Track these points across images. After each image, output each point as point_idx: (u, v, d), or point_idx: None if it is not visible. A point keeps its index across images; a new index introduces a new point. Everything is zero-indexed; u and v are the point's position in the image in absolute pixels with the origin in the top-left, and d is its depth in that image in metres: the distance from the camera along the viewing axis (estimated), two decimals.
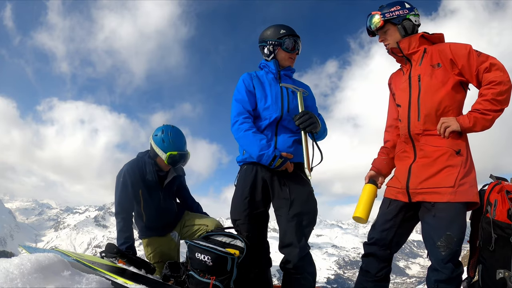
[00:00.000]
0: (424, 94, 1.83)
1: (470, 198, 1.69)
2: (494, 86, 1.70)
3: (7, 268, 1.04)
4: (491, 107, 1.71)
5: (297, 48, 2.19)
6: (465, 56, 1.76)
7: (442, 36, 1.93)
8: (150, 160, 2.59)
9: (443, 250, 1.66)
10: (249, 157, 2.08)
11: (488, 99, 1.71)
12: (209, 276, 1.85)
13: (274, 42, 2.15)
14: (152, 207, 2.60)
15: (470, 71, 1.76)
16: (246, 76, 2.19)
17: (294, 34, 2.17)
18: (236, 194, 2.14)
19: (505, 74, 1.71)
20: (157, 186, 2.60)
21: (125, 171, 2.50)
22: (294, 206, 1.96)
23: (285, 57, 2.17)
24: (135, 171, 2.52)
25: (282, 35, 2.14)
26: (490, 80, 1.71)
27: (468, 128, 1.75)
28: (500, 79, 1.69)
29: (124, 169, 2.52)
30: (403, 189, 1.83)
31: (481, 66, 1.74)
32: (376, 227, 1.93)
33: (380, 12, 1.96)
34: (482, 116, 1.72)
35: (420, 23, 1.97)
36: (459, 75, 1.80)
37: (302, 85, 2.26)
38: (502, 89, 1.69)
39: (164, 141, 2.53)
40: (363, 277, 1.95)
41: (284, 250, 1.95)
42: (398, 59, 2.03)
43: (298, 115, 1.98)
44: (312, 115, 1.97)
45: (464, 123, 1.74)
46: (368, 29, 2.06)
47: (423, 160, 1.80)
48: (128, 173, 2.49)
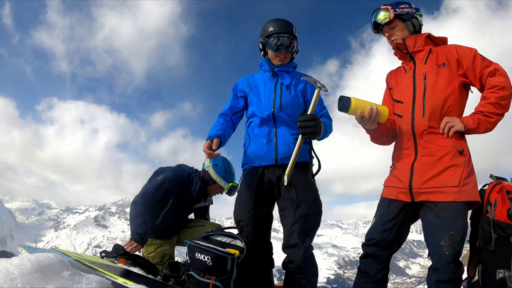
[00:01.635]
0: (429, 92, 1.85)
1: (474, 197, 1.71)
2: (497, 91, 1.74)
3: (7, 268, 1.04)
4: (494, 110, 1.74)
5: (285, 46, 2.10)
6: (471, 58, 1.80)
7: (446, 40, 1.97)
8: (199, 182, 2.71)
9: (447, 250, 1.66)
10: (252, 160, 2.10)
11: (491, 102, 1.74)
12: (209, 276, 1.84)
13: (263, 40, 2.15)
14: (172, 216, 2.68)
15: (474, 73, 1.80)
16: (238, 83, 2.28)
17: (281, 32, 2.08)
18: (240, 195, 2.14)
19: (508, 80, 1.75)
20: (189, 204, 2.74)
21: (168, 178, 2.57)
22: (301, 207, 1.95)
23: (272, 56, 2.16)
24: (176, 183, 2.60)
25: (269, 33, 2.11)
26: (494, 85, 1.75)
27: (472, 129, 1.77)
28: (503, 84, 1.73)
29: (168, 176, 2.58)
30: (406, 188, 1.82)
31: (486, 70, 1.78)
32: (376, 227, 1.91)
33: (391, 7, 1.98)
34: (485, 118, 1.75)
35: (423, 25, 1.99)
36: (463, 76, 1.83)
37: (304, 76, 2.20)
38: (505, 94, 1.73)
39: (226, 172, 2.71)
40: (362, 278, 1.93)
41: (288, 250, 1.95)
42: (401, 55, 2.03)
43: (304, 116, 1.82)
44: (318, 123, 1.83)
45: (469, 123, 1.77)
46: (374, 24, 2.05)
47: (427, 158, 1.80)
48: (169, 181, 2.57)
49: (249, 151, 2.12)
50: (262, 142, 2.08)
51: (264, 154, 2.06)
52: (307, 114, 1.83)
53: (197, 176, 2.73)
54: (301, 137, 1.84)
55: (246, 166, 2.16)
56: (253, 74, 2.29)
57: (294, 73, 2.23)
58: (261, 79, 2.21)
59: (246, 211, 2.05)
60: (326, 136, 2.11)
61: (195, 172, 2.77)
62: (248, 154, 2.13)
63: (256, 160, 2.08)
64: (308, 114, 1.82)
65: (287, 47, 2.11)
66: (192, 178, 2.71)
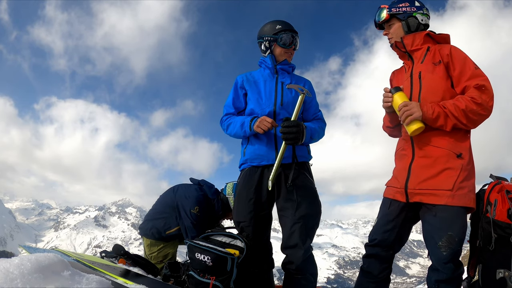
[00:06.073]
0: (425, 91, 1.83)
1: (467, 203, 1.68)
2: (474, 103, 1.67)
3: (7, 268, 1.04)
4: (459, 115, 1.68)
5: (294, 43, 2.18)
6: (462, 60, 1.77)
7: (448, 37, 1.93)
8: (220, 211, 2.75)
9: (445, 250, 1.65)
10: (251, 159, 2.09)
11: (461, 108, 1.68)
12: (209, 276, 1.84)
13: (270, 38, 2.16)
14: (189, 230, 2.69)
15: (460, 75, 1.76)
16: (237, 80, 2.25)
17: (291, 29, 2.16)
18: (240, 196, 2.11)
19: (490, 103, 1.68)
20: (206, 222, 2.73)
21: (197, 203, 2.63)
22: (301, 208, 1.95)
23: (281, 52, 2.18)
24: (207, 217, 2.68)
25: (278, 31, 2.14)
26: (473, 96, 1.68)
27: (429, 119, 1.72)
28: (484, 103, 1.66)
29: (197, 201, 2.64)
30: (402, 188, 1.82)
31: (474, 80, 1.71)
32: (378, 228, 1.92)
33: (388, 6, 1.98)
34: (445, 116, 1.71)
35: (428, 24, 1.96)
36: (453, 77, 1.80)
37: (301, 80, 2.25)
38: (479, 111, 1.66)
39: None
40: (364, 278, 1.93)
41: (287, 251, 1.94)
42: (400, 54, 2.02)
43: (287, 122, 1.88)
44: (300, 130, 1.88)
45: (428, 113, 1.72)
46: (375, 22, 2.07)
47: (423, 160, 1.79)
48: (201, 207, 2.63)
49: (248, 151, 2.12)
50: (262, 141, 2.07)
51: (264, 153, 2.05)
52: (291, 120, 1.89)
53: (218, 204, 2.75)
54: (284, 143, 1.89)
55: (244, 165, 2.15)
56: (251, 72, 2.28)
57: (293, 75, 2.26)
58: (260, 77, 2.21)
59: (247, 212, 2.04)
60: (312, 141, 2.14)
61: (217, 197, 2.78)
62: (247, 153, 2.12)
63: (256, 159, 2.07)
64: (291, 120, 1.88)
65: (295, 44, 2.19)
66: (214, 205, 2.74)
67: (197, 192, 2.71)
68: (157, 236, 2.68)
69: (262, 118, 1.97)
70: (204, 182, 2.83)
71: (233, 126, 2.12)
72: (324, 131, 2.20)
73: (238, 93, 2.22)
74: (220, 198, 2.75)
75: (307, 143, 2.14)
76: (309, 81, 2.28)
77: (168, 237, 2.69)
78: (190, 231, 2.54)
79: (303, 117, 2.20)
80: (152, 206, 2.88)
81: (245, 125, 2.04)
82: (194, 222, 2.56)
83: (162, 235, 2.67)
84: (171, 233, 2.66)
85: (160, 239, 2.70)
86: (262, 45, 2.21)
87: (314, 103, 2.23)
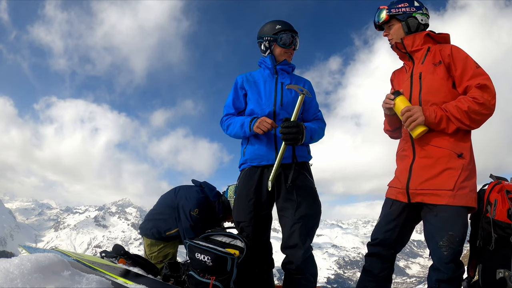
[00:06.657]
0: (425, 93, 1.82)
1: (469, 202, 1.68)
2: (476, 103, 1.66)
3: (7, 268, 1.04)
4: (461, 117, 1.68)
5: (294, 43, 2.18)
6: (463, 60, 1.76)
7: (448, 37, 1.93)
8: (221, 214, 2.75)
9: (446, 250, 1.66)
10: (251, 159, 2.09)
11: (464, 109, 1.67)
12: (209, 276, 1.84)
13: (270, 38, 2.16)
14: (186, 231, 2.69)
15: (461, 75, 1.75)
16: (237, 80, 2.24)
17: (291, 29, 2.16)
18: (239, 196, 2.11)
19: (493, 101, 1.68)
20: (206, 225, 2.72)
21: (201, 216, 2.62)
22: (301, 208, 1.95)
23: (280, 52, 2.18)
24: (207, 219, 2.67)
25: (278, 31, 2.15)
26: (475, 96, 1.68)
27: (432, 123, 1.73)
28: (486, 103, 1.66)
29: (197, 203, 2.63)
30: (403, 189, 1.82)
31: (476, 79, 1.71)
32: (380, 227, 1.93)
33: (388, 7, 1.98)
34: (447, 120, 1.71)
35: (428, 24, 1.96)
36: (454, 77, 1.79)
37: (301, 80, 2.25)
38: (481, 110, 1.66)
39: None
40: (366, 277, 1.94)
41: (287, 251, 1.94)
42: (401, 55, 2.02)
43: (287, 122, 1.88)
44: (300, 130, 1.88)
45: (431, 117, 1.72)
46: (375, 23, 2.07)
47: (424, 160, 1.79)
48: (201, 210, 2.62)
49: (248, 151, 2.12)
50: (262, 141, 2.07)
51: (264, 153, 2.05)
52: (290, 121, 1.89)
53: (219, 207, 2.75)
54: (284, 143, 1.89)
55: (244, 165, 2.15)
56: (251, 72, 2.28)
57: (293, 75, 2.26)
58: (260, 77, 2.21)
59: (247, 212, 2.04)
60: (312, 141, 2.14)
61: (218, 199, 2.77)
62: (247, 153, 2.12)
63: (256, 159, 2.07)
64: (291, 121, 1.89)
65: (295, 44, 2.19)
66: (215, 207, 2.74)
67: (198, 194, 2.70)
68: (157, 236, 2.68)
69: (262, 119, 1.97)
70: (206, 184, 2.83)
71: (233, 127, 2.12)
72: (324, 131, 2.20)
73: (238, 93, 2.22)
74: (221, 200, 2.74)
75: (307, 144, 2.14)
76: (309, 81, 2.28)
77: (168, 237, 2.69)
78: (187, 233, 2.53)
79: (303, 117, 2.20)
80: (153, 206, 2.88)
81: (245, 125, 2.04)
82: (193, 224, 2.55)
83: (162, 235, 2.67)
84: (171, 234, 2.66)
85: (160, 239, 2.70)
86: (262, 45, 2.21)
87: (314, 104, 2.23)
